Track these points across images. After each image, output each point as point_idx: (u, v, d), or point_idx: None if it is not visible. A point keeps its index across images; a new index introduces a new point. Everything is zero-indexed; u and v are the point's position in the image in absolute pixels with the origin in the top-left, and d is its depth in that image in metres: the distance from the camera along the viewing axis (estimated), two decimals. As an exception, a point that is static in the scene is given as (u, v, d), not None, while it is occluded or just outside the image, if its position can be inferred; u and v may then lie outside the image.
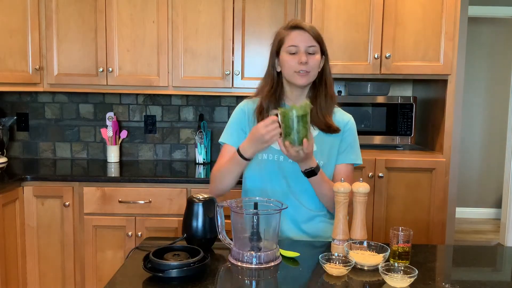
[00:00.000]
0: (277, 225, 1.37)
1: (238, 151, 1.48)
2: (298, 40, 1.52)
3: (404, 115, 2.63)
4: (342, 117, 1.63)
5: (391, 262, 1.30)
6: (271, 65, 1.60)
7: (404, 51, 2.43)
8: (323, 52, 1.57)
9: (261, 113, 1.59)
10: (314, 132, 1.59)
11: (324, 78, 1.59)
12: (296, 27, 1.54)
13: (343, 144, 1.61)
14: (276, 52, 1.58)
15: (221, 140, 1.66)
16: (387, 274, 1.19)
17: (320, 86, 1.59)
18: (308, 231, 1.62)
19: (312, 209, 1.61)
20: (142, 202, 2.45)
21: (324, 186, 1.52)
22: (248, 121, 1.63)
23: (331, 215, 1.64)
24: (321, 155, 1.58)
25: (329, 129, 1.58)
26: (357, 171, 2.38)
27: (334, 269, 1.25)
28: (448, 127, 2.49)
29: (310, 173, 1.48)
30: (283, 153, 1.41)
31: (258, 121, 1.59)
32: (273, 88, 1.60)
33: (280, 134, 1.39)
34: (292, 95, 1.61)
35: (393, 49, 2.42)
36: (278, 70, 1.59)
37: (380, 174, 2.41)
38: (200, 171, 2.74)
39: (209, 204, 1.44)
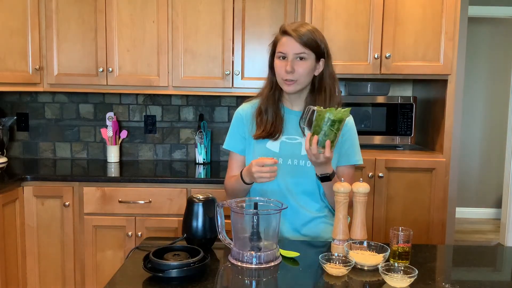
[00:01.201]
0: (277, 225, 1.37)
1: (241, 173, 1.53)
2: (286, 47, 1.50)
3: (404, 115, 2.63)
4: None
5: (391, 262, 1.30)
6: (270, 66, 1.60)
7: (404, 51, 2.43)
8: (321, 56, 1.54)
9: (260, 115, 1.60)
10: None
11: (324, 84, 1.56)
12: (285, 33, 1.51)
13: (344, 146, 1.60)
14: (272, 53, 1.57)
15: (225, 146, 1.69)
16: (387, 274, 1.19)
17: (319, 91, 1.57)
18: (308, 233, 1.61)
19: (312, 211, 1.61)
20: (142, 202, 2.45)
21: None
22: (246, 125, 1.64)
23: (331, 216, 1.64)
24: None
25: None
26: (357, 171, 2.38)
27: (334, 269, 1.25)
28: (448, 127, 2.49)
29: (325, 178, 1.47)
30: (306, 150, 1.40)
31: (257, 122, 1.60)
32: (272, 90, 1.60)
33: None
34: (290, 98, 1.61)
35: (393, 49, 2.42)
36: None
37: (380, 174, 2.41)
38: (200, 171, 2.74)
39: (209, 204, 1.44)
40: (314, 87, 1.58)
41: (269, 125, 1.58)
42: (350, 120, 1.63)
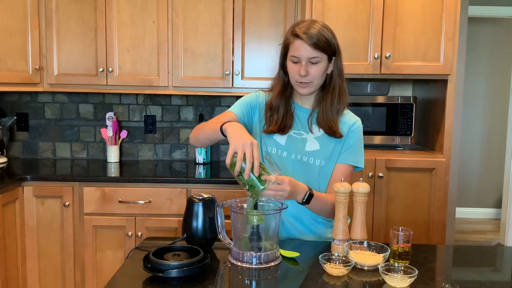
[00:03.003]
0: (277, 225, 1.37)
1: (222, 126, 1.44)
2: (299, 51, 1.49)
3: (404, 115, 2.63)
4: (349, 119, 1.62)
5: (391, 262, 1.30)
6: (281, 65, 1.60)
7: (404, 51, 2.43)
8: (333, 55, 1.53)
9: (270, 110, 1.60)
10: (319, 132, 1.59)
11: (333, 82, 1.57)
12: (297, 36, 1.49)
13: (345, 144, 1.60)
14: (284, 55, 1.57)
15: (230, 108, 1.65)
16: (387, 274, 1.19)
17: (328, 89, 1.58)
18: (312, 228, 1.62)
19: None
20: (142, 202, 2.45)
21: (322, 204, 1.51)
22: (259, 106, 1.64)
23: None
24: (323, 155, 1.58)
25: (333, 133, 1.57)
26: (357, 171, 2.38)
27: (334, 269, 1.25)
28: (448, 127, 2.49)
29: (309, 197, 1.45)
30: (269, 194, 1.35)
31: (266, 116, 1.61)
32: (283, 88, 1.61)
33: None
34: (301, 96, 1.62)
35: (393, 49, 2.42)
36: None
37: (380, 174, 2.41)
38: (200, 171, 2.74)
39: (209, 204, 1.44)
40: (325, 85, 1.58)
41: (280, 121, 1.59)
42: (357, 123, 1.62)
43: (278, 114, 1.59)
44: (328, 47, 1.50)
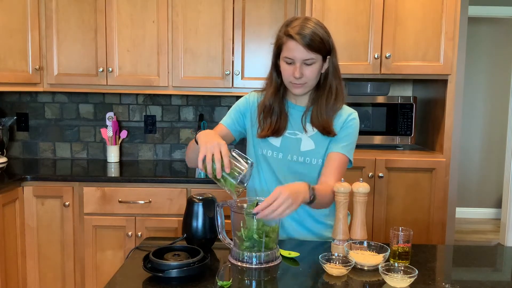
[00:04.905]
0: (277, 225, 1.37)
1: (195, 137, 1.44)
2: (293, 53, 1.46)
3: (404, 115, 2.63)
4: (345, 112, 1.60)
5: (391, 262, 1.30)
6: (273, 65, 1.58)
7: (404, 51, 2.43)
8: (328, 54, 1.51)
9: (263, 112, 1.59)
10: (313, 131, 1.59)
11: (328, 81, 1.55)
12: (290, 37, 1.45)
13: (340, 133, 1.56)
14: (277, 54, 1.55)
15: (221, 121, 1.65)
16: (387, 274, 1.19)
17: (323, 89, 1.56)
18: (312, 228, 1.62)
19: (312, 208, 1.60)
20: (142, 202, 2.45)
21: (324, 195, 1.45)
22: (250, 110, 1.64)
23: (331, 215, 1.64)
24: (319, 154, 1.57)
25: (327, 133, 1.55)
26: (357, 171, 2.39)
27: (334, 269, 1.25)
28: (448, 127, 2.49)
29: (313, 190, 1.38)
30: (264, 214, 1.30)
31: (259, 117, 1.60)
32: (277, 88, 1.59)
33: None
34: (295, 95, 1.61)
35: (393, 49, 2.42)
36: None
37: (380, 174, 2.41)
38: (200, 171, 2.74)
39: (209, 204, 1.44)
40: (319, 84, 1.57)
41: (274, 124, 1.57)
42: (353, 115, 1.60)
43: (272, 117, 1.57)
44: (322, 47, 1.47)
